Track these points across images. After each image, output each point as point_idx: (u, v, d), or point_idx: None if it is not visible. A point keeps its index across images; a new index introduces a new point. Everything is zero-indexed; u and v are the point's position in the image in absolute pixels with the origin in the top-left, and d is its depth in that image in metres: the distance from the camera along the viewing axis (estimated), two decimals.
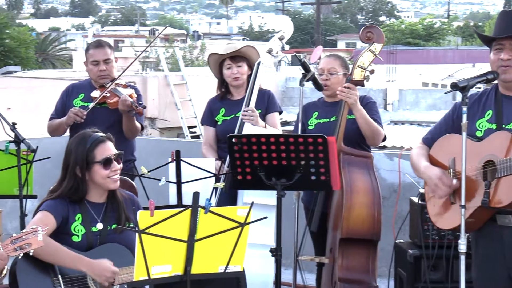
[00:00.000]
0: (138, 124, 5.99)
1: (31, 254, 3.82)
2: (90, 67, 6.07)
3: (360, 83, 5.37)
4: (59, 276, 4.18)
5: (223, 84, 6.03)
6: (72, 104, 6.11)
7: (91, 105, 5.95)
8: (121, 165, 4.45)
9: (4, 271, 3.85)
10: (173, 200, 5.47)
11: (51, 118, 6.19)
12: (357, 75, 5.35)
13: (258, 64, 5.76)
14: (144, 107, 5.87)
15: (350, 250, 5.15)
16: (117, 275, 4.19)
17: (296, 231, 5.35)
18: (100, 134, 4.42)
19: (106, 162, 4.34)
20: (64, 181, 4.36)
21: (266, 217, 4.07)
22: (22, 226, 5.19)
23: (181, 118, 19.06)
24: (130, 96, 5.90)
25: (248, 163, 4.72)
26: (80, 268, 4.17)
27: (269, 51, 5.72)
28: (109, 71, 6.05)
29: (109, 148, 4.39)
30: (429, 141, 4.46)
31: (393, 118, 20.66)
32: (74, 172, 4.34)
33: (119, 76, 6.04)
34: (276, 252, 4.67)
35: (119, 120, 5.91)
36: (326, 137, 4.63)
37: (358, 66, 5.35)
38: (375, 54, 5.38)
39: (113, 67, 6.10)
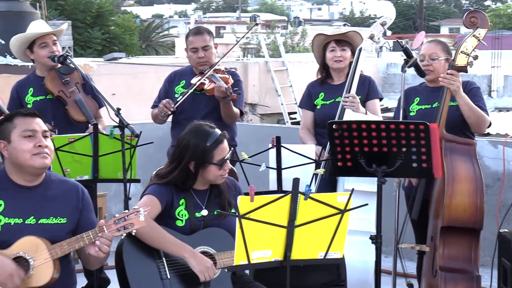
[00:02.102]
0: (236, 110, 6.01)
1: (133, 234, 3.90)
2: (189, 54, 6.14)
3: (463, 69, 5.27)
4: (164, 258, 4.26)
5: (324, 68, 6.02)
6: (174, 90, 6.19)
7: (183, 96, 5.97)
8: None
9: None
10: (273, 186, 5.50)
11: (154, 106, 6.29)
12: (460, 61, 5.25)
13: (360, 50, 5.73)
14: (239, 94, 5.87)
15: (451, 239, 5.08)
16: (215, 272, 4.23)
17: (397, 219, 5.30)
18: (218, 131, 4.43)
19: (222, 163, 4.39)
20: (175, 171, 4.39)
21: (366, 204, 4.05)
22: (126, 209, 5.29)
23: (282, 104, 19.09)
24: (227, 82, 5.93)
25: (349, 150, 4.70)
26: (182, 254, 4.23)
27: (371, 37, 5.68)
28: (208, 58, 6.09)
29: (226, 148, 4.41)
30: None
31: (497, 105, 20.21)
32: (187, 166, 4.39)
33: (217, 63, 6.07)
34: (376, 240, 4.64)
35: (218, 106, 5.96)
36: (428, 123, 4.57)
37: (461, 52, 5.25)
38: (479, 40, 5.27)
39: (212, 53, 6.12)
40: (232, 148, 4.54)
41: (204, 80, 5.96)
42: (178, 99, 5.97)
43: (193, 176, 4.39)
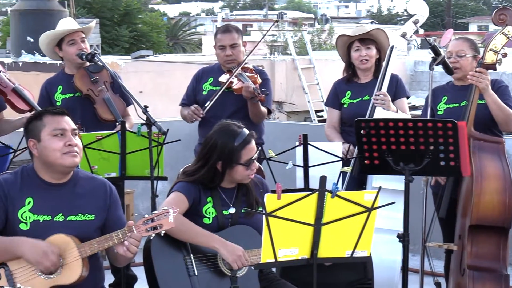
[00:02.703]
0: (264, 110, 6.01)
1: (162, 234, 3.92)
2: (217, 52, 6.15)
3: (492, 67, 5.23)
4: (191, 254, 4.28)
5: (350, 67, 6.01)
6: (202, 88, 6.20)
7: (211, 100, 5.99)
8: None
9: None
10: (300, 183, 5.49)
11: (182, 103, 6.31)
12: (489, 58, 5.21)
13: (392, 48, 5.70)
14: (267, 94, 5.86)
15: (479, 237, 5.05)
16: (247, 259, 4.24)
17: (424, 217, 5.29)
18: (246, 131, 4.43)
19: (249, 163, 4.39)
20: (202, 170, 4.40)
21: (393, 203, 4.04)
22: (153, 206, 5.31)
23: (308, 102, 19.05)
24: (255, 82, 5.92)
25: (376, 148, 4.69)
26: (212, 245, 4.24)
27: (403, 35, 5.65)
28: (236, 56, 6.09)
29: (254, 149, 4.41)
30: None
31: None
32: (215, 165, 4.40)
33: (243, 61, 6.07)
34: (404, 238, 4.63)
35: (245, 105, 5.96)
36: (456, 122, 4.55)
37: (490, 50, 5.21)
38: (508, 37, 5.22)
39: (240, 52, 6.12)
40: (260, 148, 4.54)
41: (233, 78, 5.96)
42: (206, 105, 5.99)
43: (220, 175, 4.40)
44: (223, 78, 6.04)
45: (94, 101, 5.89)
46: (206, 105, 5.98)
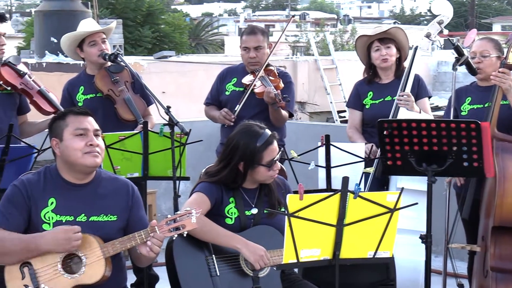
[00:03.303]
0: (285, 114, 6.01)
1: (184, 235, 3.92)
2: (242, 53, 6.16)
3: None
4: (213, 255, 4.28)
5: (370, 68, 5.99)
6: (225, 88, 6.22)
7: (239, 102, 6.01)
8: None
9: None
10: (322, 184, 5.48)
11: (206, 102, 6.34)
12: None
13: (416, 48, 5.68)
14: (288, 101, 5.87)
15: (503, 239, 5.01)
16: (269, 259, 4.24)
17: (447, 218, 5.26)
18: (268, 132, 4.42)
19: (271, 164, 4.39)
20: (224, 171, 4.40)
21: (416, 203, 4.03)
22: (176, 207, 5.32)
23: (331, 102, 19.02)
24: (277, 87, 5.93)
25: (399, 148, 4.68)
26: (234, 245, 4.25)
27: (427, 35, 5.63)
28: (260, 58, 6.10)
29: (276, 149, 4.41)
30: None
31: None
32: (237, 166, 4.40)
33: (264, 63, 6.06)
34: (426, 239, 4.61)
35: (267, 107, 5.97)
36: (479, 122, 4.53)
37: None
38: None
39: (265, 54, 6.13)
40: (282, 148, 4.53)
41: (255, 81, 5.97)
42: (236, 108, 6.02)
43: (242, 176, 4.40)
44: (246, 79, 6.05)
45: (115, 101, 5.92)
46: (236, 108, 6.01)
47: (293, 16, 7.20)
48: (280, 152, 4.46)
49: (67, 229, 3.85)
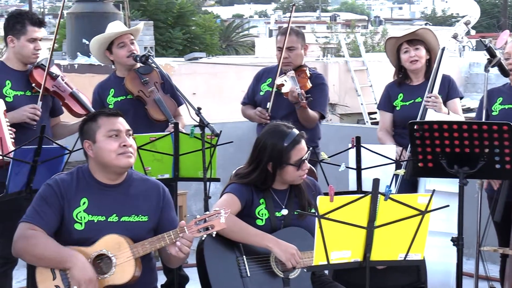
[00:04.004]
0: (313, 114, 6.00)
1: (213, 235, 3.93)
2: (276, 53, 6.17)
3: None
4: (244, 255, 4.28)
5: (400, 70, 5.97)
6: (260, 88, 6.24)
7: (269, 101, 6.01)
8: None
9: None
10: (352, 186, 5.47)
11: (243, 102, 6.38)
12: None
13: (443, 49, 5.65)
14: (310, 101, 5.85)
15: None
16: (301, 257, 4.24)
17: (479, 221, 5.22)
18: (295, 131, 4.42)
19: (300, 163, 4.39)
20: (254, 173, 4.40)
21: (447, 206, 4.00)
22: (206, 208, 5.32)
23: (361, 104, 18.99)
24: (304, 87, 5.93)
25: (430, 150, 4.65)
26: (265, 244, 4.25)
27: (454, 36, 5.60)
28: (293, 59, 6.10)
29: (303, 149, 4.40)
30: None
31: None
32: (266, 167, 4.39)
33: (279, 66, 6.05)
34: (458, 242, 4.58)
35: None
36: (511, 124, 4.49)
37: None
38: None
39: (298, 55, 6.12)
40: (311, 148, 4.52)
41: (284, 81, 5.98)
42: (268, 106, 6.02)
43: (271, 176, 4.40)
44: (279, 80, 6.05)
45: (145, 102, 5.93)
46: (267, 106, 6.02)
47: (294, 4, 7.15)
48: (309, 151, 4.45)
49: (94, 280, 3.86)
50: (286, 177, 4.40)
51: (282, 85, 5.97)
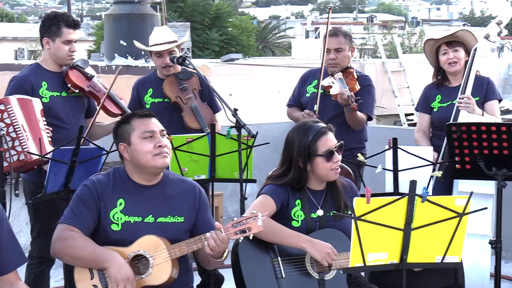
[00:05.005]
0: (361, 116, 5.96)
1: (250, 238, 3.93)
2: (324, 54, 6.15)
3: None
4: (279, 257, 4.28)
5: (439, 71, 5.93)
6: (306, 90, 6.22)
7: (315, 101, 6.00)
8: (340, 156, 4.45)
9: (225, 254, 3.99)
10: (389, 187, 5.45)
11: (288, 104, 6.38)
12: None
13: (475, 50, 5.61)
14: (360, 103, 5.82)
15: None
16: (336, 254, 4.23)
17: None
18: (322, 124, 4.43)
19: (329, 155, 4.37)
20: (289, 173, 4.40)
21: (485, 208, 3.97)
22: (242, 209, 5.33)
23: (398, 105, 18.87)
24: (353, 89, 5.90)
25: (468, 152, 4.62)
26: (300, 244, 4.24)
27: (486, 37, 5.56)
28: (340, 61, 6.07)
29: (330, 140, 4.39)
30: None
31: None
32: (297, 164, 4.39)
33: (321, 67, 6.02)
34: (496, 244, 4.54)
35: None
36: None
37: None
38: None
39: (345, 56, 6.09)
40: (342, 142, 4.49)
41: (332, 83, 5.96)
42: (315, 109, 6.00)
43: (305, 173, 4.39)
44: (325, 81, 6.03)
45: (182, 108, 5.96)
46: (315, 108, 6.00)
47: (330, 7, 7.08)
48: (339, 144, 4.41)
49: (131, 279, 3.88)
50: (318, 171, 4.38)
51: (330, 86, 5.96)
